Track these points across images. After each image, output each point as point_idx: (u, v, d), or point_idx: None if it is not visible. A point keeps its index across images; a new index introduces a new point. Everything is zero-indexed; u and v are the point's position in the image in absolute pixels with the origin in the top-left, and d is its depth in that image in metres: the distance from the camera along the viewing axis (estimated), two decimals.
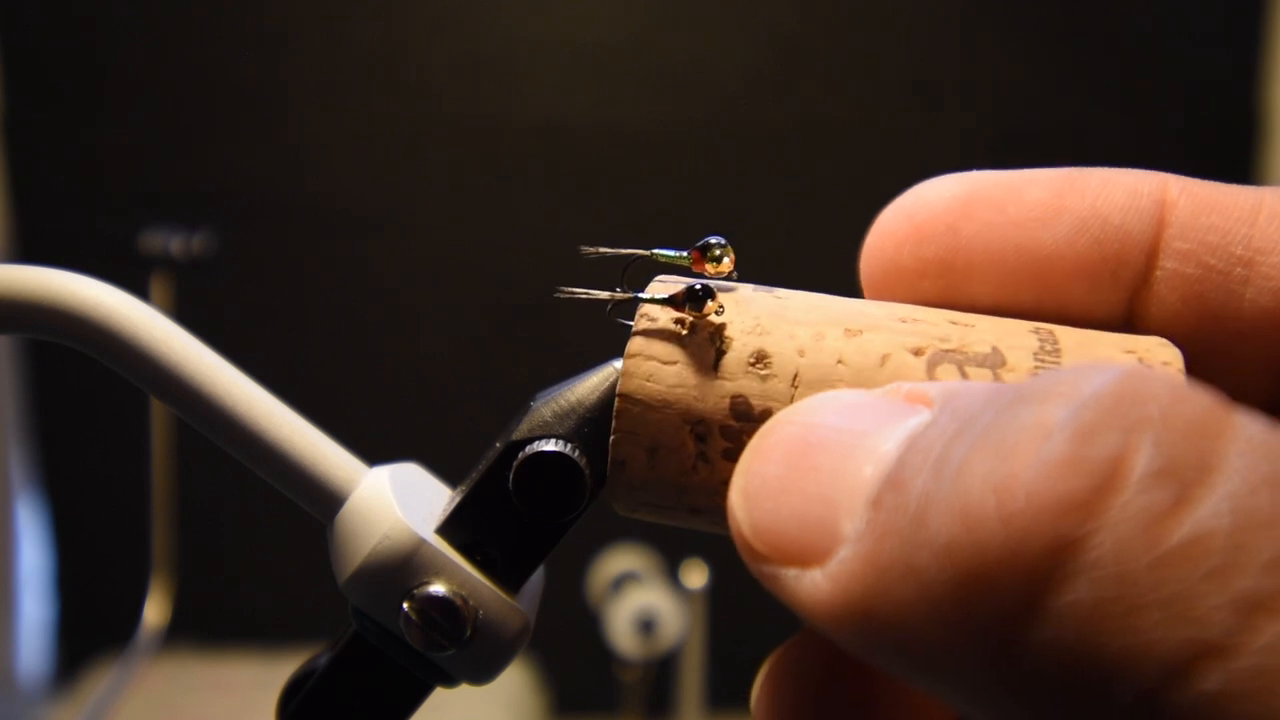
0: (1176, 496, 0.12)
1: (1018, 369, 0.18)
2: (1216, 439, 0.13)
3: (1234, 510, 0.12)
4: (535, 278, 1.31)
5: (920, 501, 0.14)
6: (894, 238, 0.21)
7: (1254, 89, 1.34)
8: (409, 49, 1.28)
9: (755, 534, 0.16)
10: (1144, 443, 0.13)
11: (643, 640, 1.11)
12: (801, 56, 1.31)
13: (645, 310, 0.20)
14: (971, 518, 0.13)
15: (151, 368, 0.21)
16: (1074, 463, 0.13)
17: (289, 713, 0.23)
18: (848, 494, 0.15)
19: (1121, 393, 0.13)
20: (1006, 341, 0.19)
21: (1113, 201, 0.20)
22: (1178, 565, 0.12)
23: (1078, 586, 0.12)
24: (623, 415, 0.19)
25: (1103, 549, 0.12)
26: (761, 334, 0.19)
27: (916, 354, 0.18)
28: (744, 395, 0.19)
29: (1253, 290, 0.20)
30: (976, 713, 0.14)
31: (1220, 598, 0.12)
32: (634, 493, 0.19)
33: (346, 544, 0.21)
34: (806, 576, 0.15)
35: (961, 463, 0.14)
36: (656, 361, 0.19)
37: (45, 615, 1.36)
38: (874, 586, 0.14)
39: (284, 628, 1.29)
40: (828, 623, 0.15)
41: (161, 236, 1.14)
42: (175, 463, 1.14)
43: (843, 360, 0.19)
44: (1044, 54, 1.32)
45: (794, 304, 0.20)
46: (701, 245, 0.20)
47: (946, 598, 0.13)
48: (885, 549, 0.14)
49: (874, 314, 0.19)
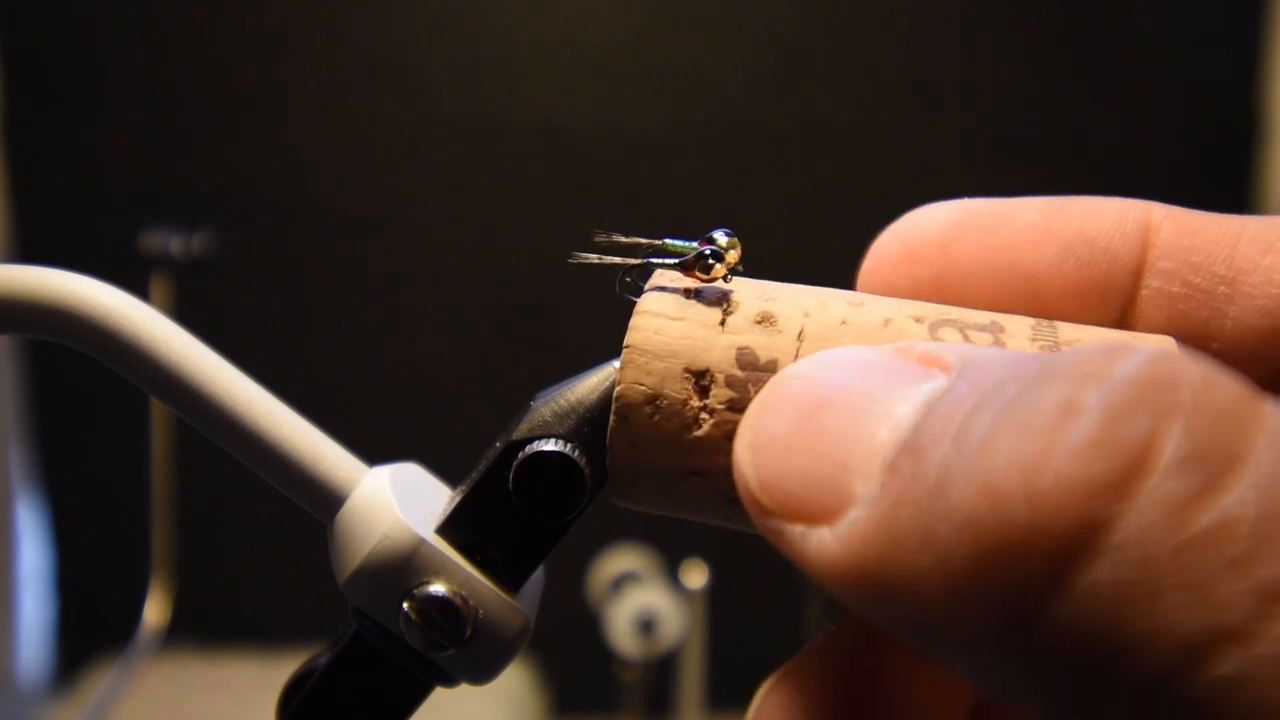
0: (1204, 483, 0.12)
1: (1017, 335, 0.19)
2: (1246, 428, 0.13)
3: (1260, 500, 0.12)
4: (535, 278, 1.31)
5: (940, 472, 0.14)
6: (889, 261, 0.22)
7: (1254, 89, 1.34)
8: (409, 49, 1.28)
9: (762, 488, 0.16)
10: (1174, 428, 0.13)
11: (643, 640, 1.11)
12: (801, 56, 1.31)
13: (656, 275, 0.20)
14: (996, 494, 0.13)
15: (151, 368, 0.21)
16: (1104, 445, 0.13)
17: (289, 713, 0.23)
18: (861, 456, 0.15)
19: (1153, 376, 0.13)
20: (1003, 317, 0.19)
21: (1099, 225, 0.21)
22: (1202, 551, 0.12)
23: (1100, 567, 0.13)
24: (628, 366, 0.19)
25: (1128, 532, 0.12)
26: (768, 300, 0.20)
27: (918, 320, 0.19)
28: (750, 346, 0.19)
29: (1236, 308, 0.20)
30: (982, 681, 0.14)
31: (1242, 585, 0.12)
32: (634, 454, 0.19)
33: (346, 544, 0.21)
34: (814, 534, 0.15)
35: (986, 437, 0.14)
36: (665, 318, 0.19)
37: (45, 615, 1.36)
38: (887, 552, 0.14)
39: (284, 628, 1.29)
40: (834, 581, 0.15)
41: (161, 236, 1.14)
42: (175, 463, 1.14)
43: (847, 321, 0.19)
44: (1044, 54, 1.32)
45: (798, 286, 0.20)
46: (709, 236, 0.21)
47: (964, 570, 0.13)
48: (902, 516, 0.14)
49: (874, 298, 0.20)
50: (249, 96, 1.28)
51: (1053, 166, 1.29)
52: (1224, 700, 0.12)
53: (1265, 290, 0.20)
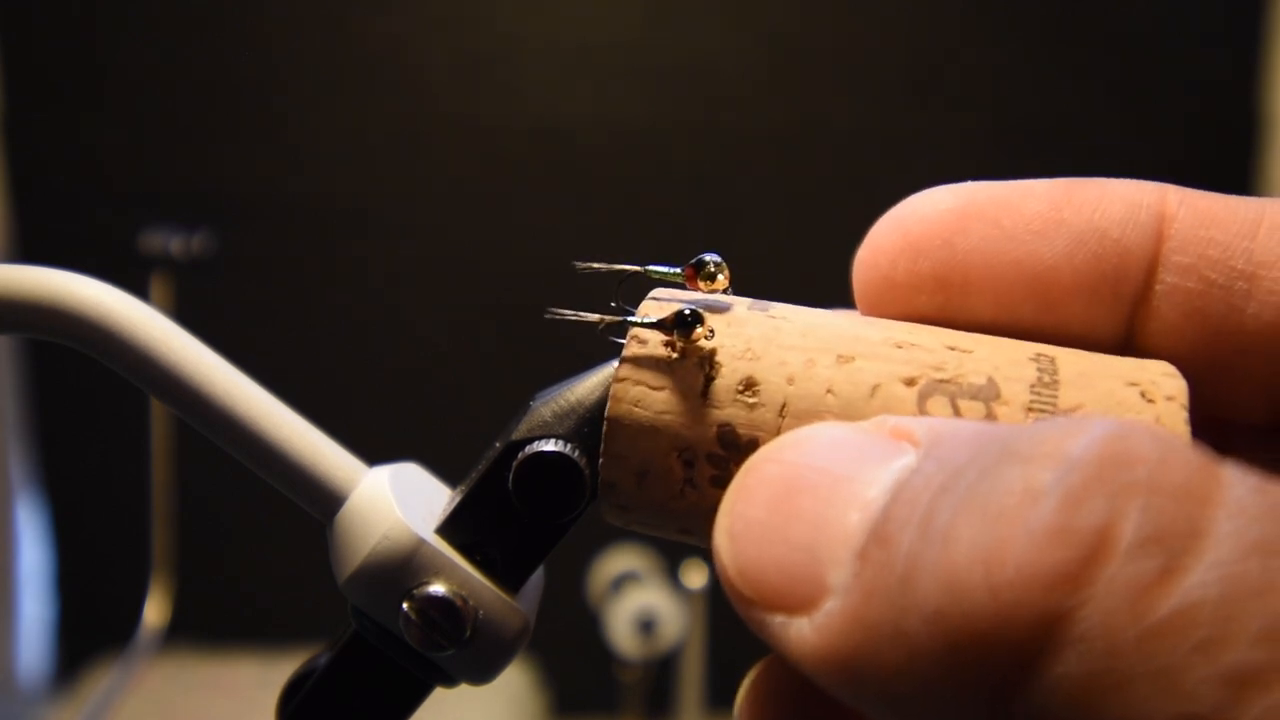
0: (1164, 566, 0.12)
1: (1012, 403, 0.18)
2: (1205, 504, 0.13)
3: (1222, 579, 0.12)
4: (535, 278, 1.31)
5: (907, 562, 0.14)
6: (888, 252, 0.21)
7: (1254, 89, 1.34)
8: (408, 49, 1.28)
9: (741, 579, 0.16)
10: (1132, 509, 0.13)
11: (643, 640, 1.11)
12: (801, 56, 1.31)
13: (635, 333, 0.20)
14: (959, 586, 0.13)
15: (151, 368, 0.21)
16: (1062, 532, 0.13)
17: (289, 712, 0.23)
18: (832, 543, 0.15)
19: (1108, 455, 0.13)
20: (1003, 372, 0.18)
21: (1110, 215, 0.20)
22: (1166, 637, 0.12)
23: (1067, 659, 0.12)
24: (610, 439, 0.19)
25: (1091, 621, 0.12)
26: (752, 359, 0.19)
27: (909, 384, 0.18)
28: (731, 424, 0.18)
29: (1255, 305, 0.19)
30: None
31: (1209, 670, 0.12)
32: (625, 513, 0.20)
33: (346, 544, 0.21)
34: (793, 625, 0.15)
35: (948, 525, 0.14)
36: (645, 386, 0.19)
37: (45, 615, 1.36)
38: (861, 645, 0.14)
39: (284, 628, 1.29)
40: (815, 672, 0.15)
41: (161, 236, 1.14)
42: (175, 463, 1.14)
43: (832, 390, 0.18)
44: (1044, 54, 1.32)
45: (788, 327, 0.19)
46: (696, 262, 0.20)
47: (935, 664, 0.13)
48: (873, 609, 0.14)
49: (869, 338, 0.19)
50: (249, 96, 1.28)
51: (1052, 167, 1.29)
52: None
53: None
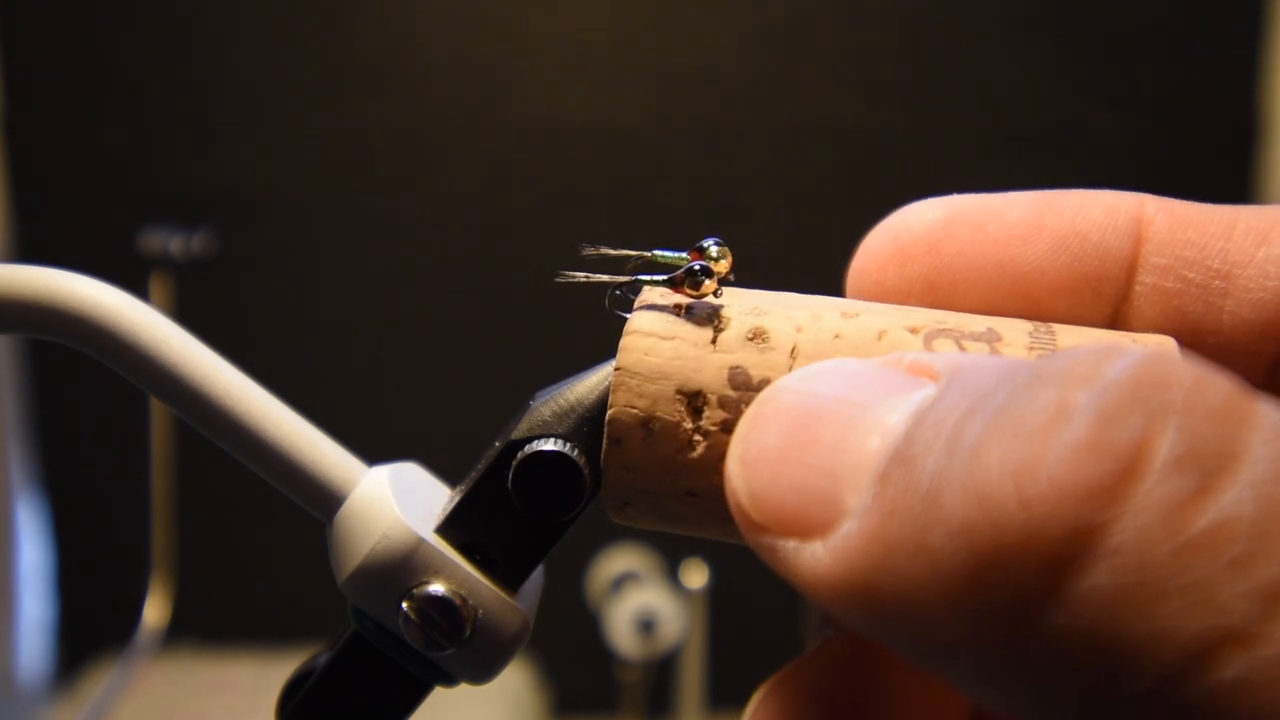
0: (1199, 484, 0.12)
1: (1014, 345, 0.18)
2: (1240, 426, 0.13)
3: (1257, 498, 0.12)
4: (535, 277, 1.31)
5: (932, 480, 0.14)
6: (879, 260, 0.22)
7: (1254, 89, 1.34)
8: (408, 49, 1.28)
9: (753, 503, 0.16)
10: (1167, 428, 0.13)
11: (643, 640, 1.11)
12: (801, 56, 1.31)
13: (645, 292, 0.20)
14: (989, 500, 0.13)
15: (151, 368, 0.22)
16: (1096, 447, 0.13)
17: (288, 712, 0.23)
18: (851, 467, 0.15)
19: (1144, 376, 0.13)
20: (1002, 324, 0.19)
21: (1091, 219, 0.21)
22: (1200, 553, 0.12)
23: (1098, 572, 0.12)
24: (620, 389, 0.19)
25: (1125, 535, 0.12)
26: (759, 314, 0.19)
27: (913, 331, 0.19)
28: (742, 366, 0.19)
29: (1231, 303, 0.20)
30: (980, 692, 0.14)
31: (1242, 586, 0.12)
32: (629, 476, 0.19)
33: (346, 543, 0.21)
34: (806, 549, 0.15)
35: (977, 443, 0.13)
36: (655, 337, 0.19)
37: (45, 615, 1.36)
38: (881, 563, 0.14)
39: (284, 628, 1.29)
40: (828, 596, 0.15)
41: (161, 236, 1.14)
42: (175, 463, 1.14)
43: (840, 335, 0.19)
44: (1044, 54, 1.32)
45: (788, 297, 0.20)
46: (699, 246, 0.21)
47: (959, 579, 0.13)
48: (894, 526, 0.14)
49: (870, 304, 0.20)
50: (249, 96, 1.28)
51: (1052, 166, 1.29)
52: (1228, 704, 0.12)
53: (1260, 284, 0.20)
